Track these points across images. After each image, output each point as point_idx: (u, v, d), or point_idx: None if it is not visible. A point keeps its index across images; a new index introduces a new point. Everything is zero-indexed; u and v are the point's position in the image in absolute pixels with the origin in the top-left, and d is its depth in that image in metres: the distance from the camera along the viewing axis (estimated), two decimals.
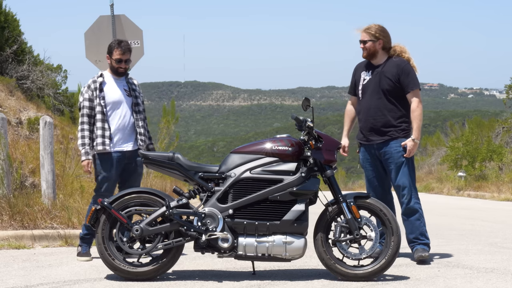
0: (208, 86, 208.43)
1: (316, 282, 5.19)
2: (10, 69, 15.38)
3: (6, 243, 7.13)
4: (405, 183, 6.10)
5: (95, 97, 6.20)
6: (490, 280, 5.23)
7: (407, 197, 6.11)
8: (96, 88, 6.21)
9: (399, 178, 6.10)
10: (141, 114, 6.36)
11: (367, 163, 6.30)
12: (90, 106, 6.20)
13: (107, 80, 6.29)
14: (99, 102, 6.18)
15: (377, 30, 6.16)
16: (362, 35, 6.21)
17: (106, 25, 9.06)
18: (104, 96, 6.21)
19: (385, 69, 6.14)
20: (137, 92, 6.41)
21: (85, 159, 6.16)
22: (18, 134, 11.70)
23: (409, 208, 6.12)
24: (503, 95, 32.19)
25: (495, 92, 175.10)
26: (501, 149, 20.33)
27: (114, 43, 6.29)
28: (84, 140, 6.15)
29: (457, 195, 19.73)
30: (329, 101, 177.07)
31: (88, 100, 6.20)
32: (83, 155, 6.17)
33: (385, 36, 6.19)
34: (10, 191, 8.03)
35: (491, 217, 11.41)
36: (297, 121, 5.42)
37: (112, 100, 6.23)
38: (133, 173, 6.30)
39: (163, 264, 5.30)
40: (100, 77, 6.29)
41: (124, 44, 6.28)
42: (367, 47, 6.17)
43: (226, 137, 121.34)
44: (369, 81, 6.21)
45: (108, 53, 6.30)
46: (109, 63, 6.32)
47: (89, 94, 6.21)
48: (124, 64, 6.27)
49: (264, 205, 5.26)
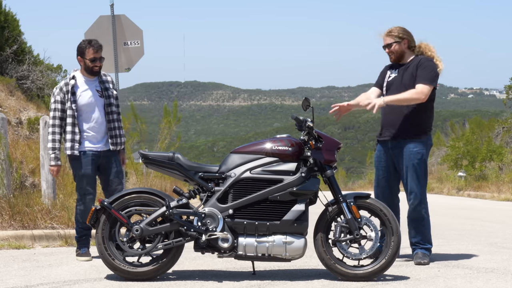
0: (208, 86, 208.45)
1: (316, 282, 5.19)
2: (10, 69, 15.38)
3: (6, 243, 7.13)
4: (412, 188, 6.03)
5: (66, 100, 6.19)
6: (490, 280, 5.22)
7: (413, 202, 6.05)
8: (68, 91, 6.19)
9: (408, 181, 6.04)
10: (113, 114, 6.34)
11: (380, 162, 6.21)
12: (62, 108, 6.19)
13: (79, 83, 6.26)
14: (70, 106, 6.17)
15: (400, 31, 6.11)
16: (385, 40, 6.13)
17: (106, 25, 9.07)
18: (76, 100, 6.19)
19: (409, 65, 6.08)
20: (110, 91, 6.36)
21: (54, 164, 6.24)
22: (18, 134, 11.70)
23: (414, 213, 6.07)
24: (503, 95, 32.17)
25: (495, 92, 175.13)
26: (501, 149, 20.34)
27: (85, 43, 6.24)
28: (54, 144, 6.19)
29: (457, 195, 19.74)
30: (329, 101, 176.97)
31: (60, 102, 6.19)
32: (53, 160, 6.23)
33: (408, 35, 6.14)
34: (10, 191, 8.03)
35: (491, 217, 11.41)
36: (297, 121, 5.41)
37: (84, 103, 6.21)
38: (111, 171, 6.31)
39: (163, 264, 5.30)
40: (72, 79, 6.24)
41: (95, 42, 6.26)
42: (393, 50, 6.09)
43: (226, 137, 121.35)
44: (394, 78, 6.13)
45: (79, 55, 6.25)
46: (82, 65, 6.27)
47: (61, 96, 6.19)
48: (98, 62, 6.24)
49: (264, 205, 5.25)
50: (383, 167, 6.20)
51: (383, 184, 6.21)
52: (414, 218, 6.08)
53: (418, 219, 6.07)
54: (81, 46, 6.24)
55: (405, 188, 6.16)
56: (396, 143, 6.09)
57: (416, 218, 6.08)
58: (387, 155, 6.17)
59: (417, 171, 6.02)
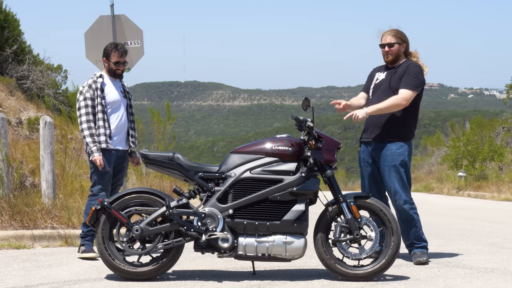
0: (208, 86, 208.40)
1: (316, 282, 5.19)
2: (10, 69, 15.38)
3: (6, 243, 7.13)
4: (396, 188, 6.01)
5: (96, 96, 6.33)
6: (490, 280, 5.22)
7: (399, 203, 6.03)
8: (97, 88, 6.35)
9: (391, 182, 6.03)
10: (133, 116, 6.62)
11: (364, 163, 6.23)
12: (93, 105, 6.33)
13: (106, 81, 6.45)
14: (100, 102, 6.33)
15: (402, 33, 6.15)
16: (387, 38, 6.12)
17: (106, 25, 9.07)
18: (105, 97, 6.37)
19: (398, 69, 6.10)
20: (129, 95, 6.65)
21: (98, 155, 6.26)
22: (18, 134, 11.71)
23: (402, 214, 6.05)
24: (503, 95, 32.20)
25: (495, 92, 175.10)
26: (502, 149, 20.34)
27: (111, 46, 6.45)
28: (94, 138, 6.28)
29: (457, 195, 19.74)
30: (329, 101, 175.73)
31: (90, 99, 6.33)
32: (96, 151, 6.27)
33: (407, 40, 6.18)
34: (10, 191, 8.02)
35: (491, 217, 11.41)
36: (297, 121, 5.41)
37: (112, 100, 6.41)
38: (120, 171, 6.53)
39: (163, 264, 5.30)
40: (100, 77, 6.43)
41: (121, 47, 6.48)
42: (394, 50, 6.09)
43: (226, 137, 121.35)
44: (382, 81, 6.16)
45: (105, 57, 6.47)
46: (106, 66, 6.48)
47: (90, 93, 6.33)
48: (122, 66, 6.45)
49: (264, 205, 5.25)
50: (367, 167, 6.21)
51: (369, 185, 6.21)
52: (403, 219, 6.05)
53: (407, 219, 6.04)
54: (107, 49, 6.46)
55: (387, 190, 6.13)
56: (378, 144, 6.10)
57: (405, 219, 6.05)
58: (370, 155, 6.18)
59: (400, 171, 6.01)
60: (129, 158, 6.57)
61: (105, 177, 6.34)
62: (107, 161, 6.31)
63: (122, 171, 6.54)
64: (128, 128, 6.50)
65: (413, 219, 6.05)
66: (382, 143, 6.08)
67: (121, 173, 6.54)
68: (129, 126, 6.52)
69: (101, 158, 6.26)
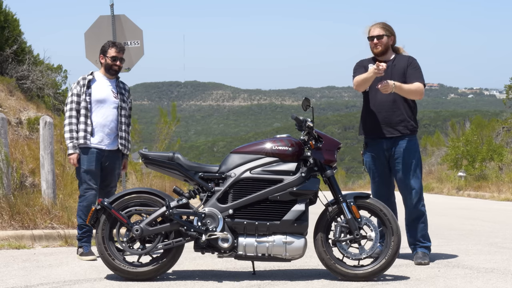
0: (208, 86, 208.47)
1: (316, 282, 5.19)
2: (10, 69, 15.37)
3: (6, 243, 7.12)
4: (414, 185, 6.07)
5: (82, 93, 6.33)
6: (490, 280, 5.22)
7: (415, 200, 6.07)
8: (84, 85, 6.35)
9: (409, 179, 6.05)
10: (125, 118, 6.49)
11: (373, 164, 6.19)
12: (77, 101, 6.33)
13: (97, 78, 6.43)
14: (85, 98, 6.31)
15: (389, 26, 6.20)
16: (376, 30, 6.14)
17: (106, 25, 9.07)
18: (91, 93, 6.34)
19: (397, 63, 6.11)
20: (125, 96, 6.54)
21: (72, 152, 6.26)
22: (18, 134, 11.70)
23: (416, 211, 6.09)
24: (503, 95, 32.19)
25: (495, 92, 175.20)
26: (502, 149, 20.34)
27: (109, 43, 6.47)
28: (72, 134, 6.27)
29: (457, 195, 19.75)
30: (329, 101, 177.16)
31: (76, 95, 6.34)
32: (71, 148, 6.27)
33: (394, 33, 6.23)
34: (10, 191, 8.02)
35: (491, 217, 11.42)
36: (297, 121, 5.41)
37: (97, 98, 6.35)
38: (110, 173, 6.43)
39: (163, 264, 5.29)
40: (90, 75, 6.43)
41: (119, 44, 6.50)
42: (383, 41, 6.11)
43: (226, 137, 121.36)
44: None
45: (101, 53, 6.45)
46: (102, 63, 6.45)
47: (77, 89, 6.35)
48: (119, 62, 6.42)
49: (264, 205, 5.25)
50: (377, 167, 6.18)
51: (380, 184, 6.20)
52: (415, 215, 6.10)
53: (419, 216, 6.10)
54: (104, 45, 6.47)
55: (402, 186, 6.14)
56: (391, 142, 6.09)
57: (417, 215, 6.10)
58: (380, 154, 6.15)
59: (416, 168, 6.06)
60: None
61: (88, 176, 6.25)
62: (88, 159, 6.25)
63: (113, 172, 6.42)
64: (117, 128, 6.38)
65: (424, 214, 6.13)
66: (394, 139, 6.07)
67: (112, 174, 6.42)
68: (119, 127, 6.39)
69: (75, 156, 6.23)
